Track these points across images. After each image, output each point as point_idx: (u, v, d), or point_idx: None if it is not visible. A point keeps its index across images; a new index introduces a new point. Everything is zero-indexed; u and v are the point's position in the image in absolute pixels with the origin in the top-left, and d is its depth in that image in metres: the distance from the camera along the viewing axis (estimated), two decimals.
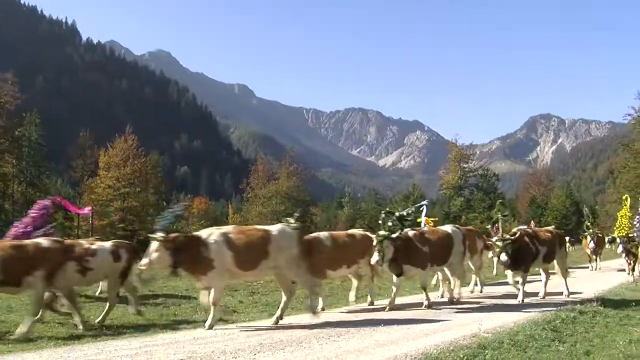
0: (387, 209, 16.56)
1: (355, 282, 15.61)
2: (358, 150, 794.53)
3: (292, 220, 13.28)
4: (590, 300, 14.81)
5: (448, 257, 15.26)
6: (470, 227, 21.13)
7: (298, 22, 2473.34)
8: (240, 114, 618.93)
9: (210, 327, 11.21)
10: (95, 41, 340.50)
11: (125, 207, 67.10)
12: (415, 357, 8.54)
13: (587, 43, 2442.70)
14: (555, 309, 13.57)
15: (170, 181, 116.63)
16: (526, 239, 15.85)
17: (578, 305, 13.97)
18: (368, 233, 15.35)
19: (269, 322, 11.99)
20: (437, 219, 21.55)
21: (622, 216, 19.59)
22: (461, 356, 8.32)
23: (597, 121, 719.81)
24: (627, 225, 18.54)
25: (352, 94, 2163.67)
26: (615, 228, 17.66)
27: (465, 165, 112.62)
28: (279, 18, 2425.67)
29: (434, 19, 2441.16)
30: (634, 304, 14.43)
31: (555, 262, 17.30)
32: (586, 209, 18.24)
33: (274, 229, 12.35)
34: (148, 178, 71.42)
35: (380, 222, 14.98)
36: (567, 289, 17.04)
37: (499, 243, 15.37)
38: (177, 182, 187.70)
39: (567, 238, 28.35)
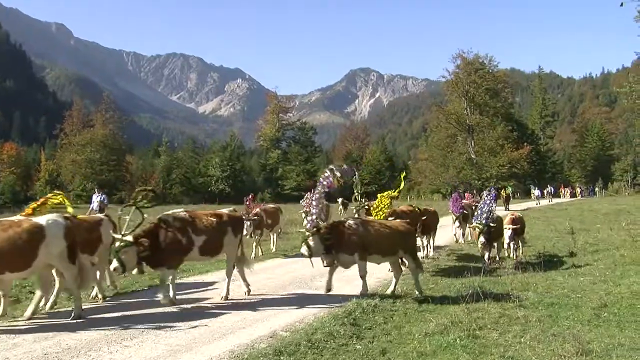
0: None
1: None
2: (178, 96, 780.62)
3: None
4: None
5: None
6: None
7: None
8: (57, 54, 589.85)
9: None
10: None
11: None
12: None
13: (407, 2, 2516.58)
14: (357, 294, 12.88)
15: None
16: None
17: (379, 289, 13.92)
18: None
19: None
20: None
21: (384, 196, 16.70)
22: None
23: (414, 77, 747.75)
24: (385, 208, 16.09)
25: (174, 38, 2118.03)
26: (372, 208, 16.69)
27: (283, 118, 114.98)
28: None
29: None
30: (432, 284, 14.71)
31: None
32: (357, 177, 14.45)
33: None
34: None
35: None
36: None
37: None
38: None
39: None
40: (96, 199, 25.02)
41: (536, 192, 67.06)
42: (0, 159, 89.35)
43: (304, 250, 12.09)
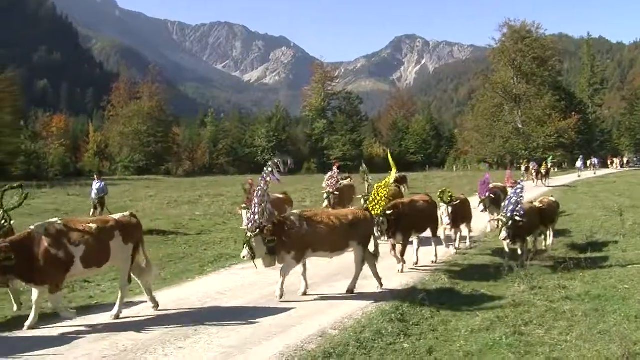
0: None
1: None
2: (223, 65, 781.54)
3: None
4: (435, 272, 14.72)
5: None
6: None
7: None
8: (103, 25, 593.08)
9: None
10: None
11: None
12: None
13: None
14: (405, 286, 13.20)
15: (29, 95, 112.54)
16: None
17: (426, 279, 13.91)
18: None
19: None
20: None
21: (381, 187, 13.99)
22: None
23: (460, 44, 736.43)
24: (383, 199, 13.75)
25: (218, 7, 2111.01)
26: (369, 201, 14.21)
27: (329, 88, 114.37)
28: None
29: None
30: (477, 275, 14.36)
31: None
32: (363, 166, 13.55)
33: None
34: (3, 97, 68.99)
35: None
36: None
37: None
38: (36, 96, 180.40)
39: None
40: (95, 186, 23.72)
41: (578, 163, 64.62)
42: (49, 131, 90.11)
43: (245, 253, 11.38)
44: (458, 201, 17.28)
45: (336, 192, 21.37)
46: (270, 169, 12.04)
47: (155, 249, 18.12)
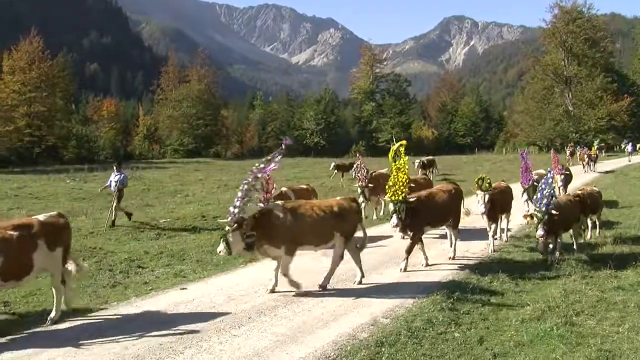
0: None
1: None
2: (271, 47, 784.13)
3: None
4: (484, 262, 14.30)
5: None
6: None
7: None
8: (151, 9, 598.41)
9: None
10: None
11: (32, 112, 65.97)
12: None
13: None
14: (454, 272, 13.12)
15: (80, 79, 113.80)
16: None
17: (478, 268, 13.43)
18: None
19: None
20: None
21: (399, 169, 12.98)
22: None
23: (509, 25, 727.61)
24: (403, 185, 12.69)
25: None
26: (387, 187, 13.20)
27: (377, 70, 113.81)
28: None
29: None
30: (527, 270, 13.34)
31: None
32: (394, 142, 12.44)
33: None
34: (55, 82, 70.00)
35: None
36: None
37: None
38: (86, 80, 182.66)
39: None
40: (114, 178, 21.36)
41: (629, 147, 62.37)
42: (100, 115, 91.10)
43: (221, 248, 10.68)
44: (496, 190, 15.64)
45: (370, 185, 20.44)
46: (261, 165, 11.47)
47: (207, 235, 18.14)
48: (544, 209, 13.17)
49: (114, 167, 21.81)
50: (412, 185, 14.64)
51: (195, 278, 11.94)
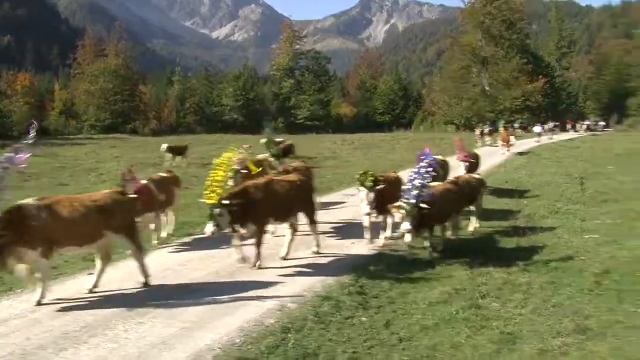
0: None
1: None
2: (191, 21, 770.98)
3: None
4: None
5: None
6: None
7: None
8: None
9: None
10: None
11: None
12: (217, 354, 7.82)
13: None
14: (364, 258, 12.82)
15: None
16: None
17: (386, 250, 13.48)
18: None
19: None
20: None
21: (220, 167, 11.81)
22: (263, 349, 7.90)
23: (429, 3, 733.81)
24: (220, 185, 11.33)
25: None
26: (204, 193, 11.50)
27: (297, 47, 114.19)
28: None
29: None
30: (432, 250, 12.96)
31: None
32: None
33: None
34: None
35: None
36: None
37: None
38: (0, 53, 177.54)
39: None
40: None
41: (537, 128, 64.67)
42: (14, 89, 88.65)
43: None
44: (383, 185, 13.21)
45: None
46: (11, 154, 9.60)
47: None
48: (412, 201, 11.87)
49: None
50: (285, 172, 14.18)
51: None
